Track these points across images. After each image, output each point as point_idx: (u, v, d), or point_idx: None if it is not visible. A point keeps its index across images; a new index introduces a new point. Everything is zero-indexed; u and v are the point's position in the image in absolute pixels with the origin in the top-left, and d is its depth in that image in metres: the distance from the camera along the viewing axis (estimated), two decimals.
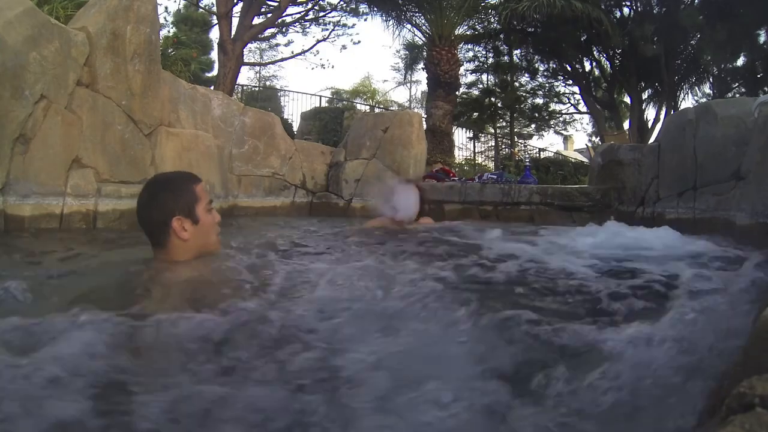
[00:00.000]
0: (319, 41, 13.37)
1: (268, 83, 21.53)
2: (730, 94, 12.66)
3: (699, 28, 11.48)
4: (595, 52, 14.23)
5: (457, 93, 11.80)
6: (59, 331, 0.96)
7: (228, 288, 1.35)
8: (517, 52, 15.56)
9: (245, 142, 4.56)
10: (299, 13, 12.71)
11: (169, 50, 6.82)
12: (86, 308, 1.02)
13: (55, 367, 0.81)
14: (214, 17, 10.97)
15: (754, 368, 0.58)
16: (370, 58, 42.15)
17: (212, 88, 7.60)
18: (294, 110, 15.57)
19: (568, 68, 14.95)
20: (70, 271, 1.74)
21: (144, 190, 1.53)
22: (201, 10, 13.87)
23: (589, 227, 2.66)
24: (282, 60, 16.88)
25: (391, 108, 18.76)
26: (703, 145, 3.06)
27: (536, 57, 15.57)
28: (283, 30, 13.92)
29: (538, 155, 16.31)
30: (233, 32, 9.78)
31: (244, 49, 10.98)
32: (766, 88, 12.07)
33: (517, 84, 16.35)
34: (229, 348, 1.00)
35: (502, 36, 14.20)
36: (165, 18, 12.84)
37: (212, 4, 11.25)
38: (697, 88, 14.00)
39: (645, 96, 14.60)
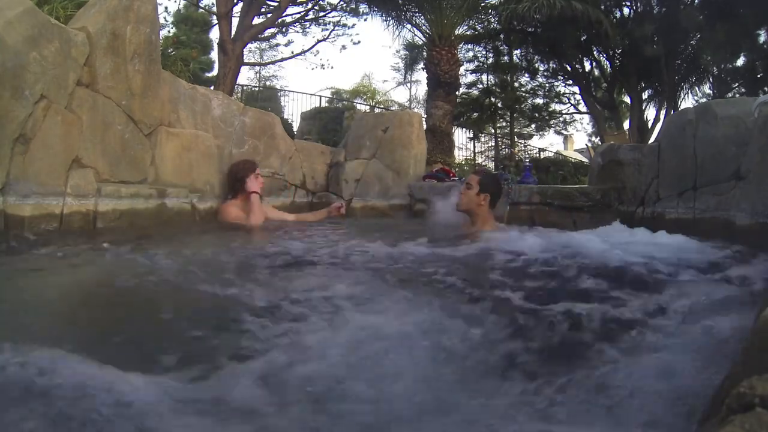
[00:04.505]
0: (319, 41, 13.39)
1: (268, 83, 21.54)
2: (730, 94, 12.65)
3: (699, 28, 11.47)
4: (595, 52, 14.22)
5: (457, 93, 11.78)
6: None
7: None
8: (517, 52, 15.56)
9: (245, 142, 4.54)
10: (299, 13, 12.70)
11: (169, 50, 6.81)
12: None
13: None
14: (214, 17, 10.96)
15: (754, 368, 0.58)
16: (370, 58, 42.16)
17: (212, 88, 7.59)
18: (294, 110, 15.60)
19: (568, 68, 14.94)
20: None
21: None
22: (201, 10, 13.86)
23: None
24: (282, 60, 16.88)
25: (392, 108, 18.75)
26: (703, 145, 3.06)
27: (536, 57, 15.57)
28: (283, 30, 13.91)
29: (538, 155, 16.31)
30: (233, 32, 9.76)
31: (244, 49, 10.97)
32: (766, 88, 12.07)
33: (517, 84, 16.35)
34: None
35: (502, 36, 14.20)
36: (165, 18, 12.85)
37: (212, 4, 11.24)
38: (697, 88, 14.00)
39: (645, 96, 14.60)
